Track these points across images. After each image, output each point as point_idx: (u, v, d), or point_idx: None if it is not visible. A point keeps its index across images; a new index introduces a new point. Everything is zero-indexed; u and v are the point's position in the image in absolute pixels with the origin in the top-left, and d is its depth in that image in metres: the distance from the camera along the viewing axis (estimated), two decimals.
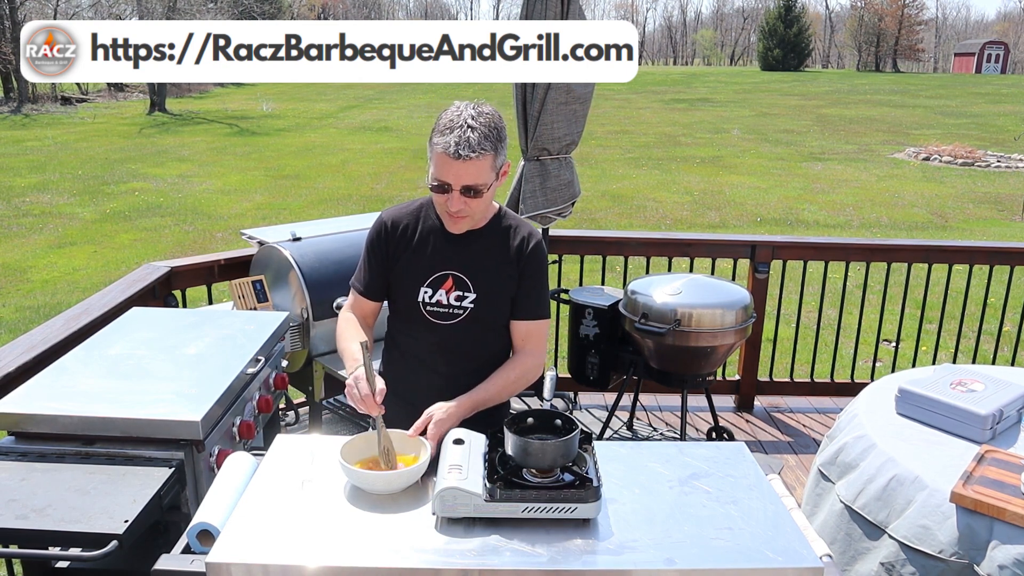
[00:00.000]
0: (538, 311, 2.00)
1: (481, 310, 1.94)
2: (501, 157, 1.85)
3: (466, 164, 1.76)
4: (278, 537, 1.46)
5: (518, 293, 1.97)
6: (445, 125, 1.78)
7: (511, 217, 2.02)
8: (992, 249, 4.33)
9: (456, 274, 1.94)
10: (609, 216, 11.28)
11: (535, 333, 2.00)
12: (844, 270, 4.41)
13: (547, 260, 2.02)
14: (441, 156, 1.77)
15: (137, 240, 9.71)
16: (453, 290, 1.94)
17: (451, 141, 1.75)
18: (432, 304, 1.95)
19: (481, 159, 1.77)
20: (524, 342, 2.01)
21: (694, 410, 4.28)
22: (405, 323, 2.02)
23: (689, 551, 1.44)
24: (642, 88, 35.57)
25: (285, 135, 20.41)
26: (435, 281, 1.95)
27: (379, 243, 1.99)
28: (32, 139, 19.24)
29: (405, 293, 1.97)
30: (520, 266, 1.96)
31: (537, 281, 1.99)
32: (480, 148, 1.76)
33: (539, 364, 2.01)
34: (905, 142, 19.38)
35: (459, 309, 1.95)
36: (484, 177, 1.81)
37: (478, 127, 1.77)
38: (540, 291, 2.00)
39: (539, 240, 2.00)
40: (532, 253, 1.97)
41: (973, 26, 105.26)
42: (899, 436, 2.38)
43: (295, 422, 3.93)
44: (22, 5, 29.30)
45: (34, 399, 1.97)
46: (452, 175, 1.79)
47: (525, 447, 1.55)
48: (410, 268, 1.96)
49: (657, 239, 4.56)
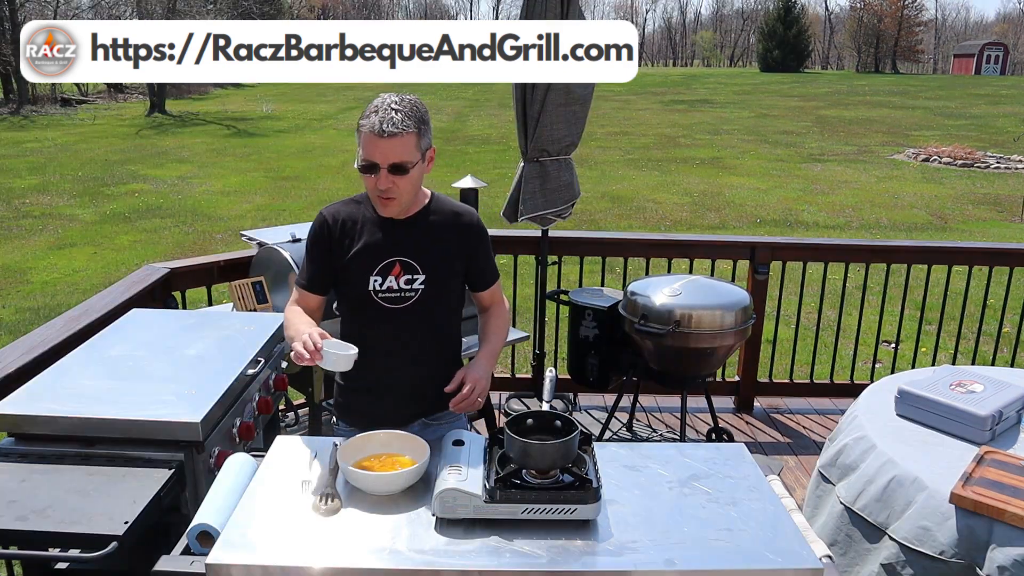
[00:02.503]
0: (492, 277, 2.17)
1: (431, 289, 2.03)
2: (425, 140, 1.95)
3: (391, 141, 1.86)
4: (278, 538, 1.46)
5: (472, 269, 2.12)
6: (371, 110, 1.91)
7: (445, 201, 2.12)
8: (991, 250, 4.33)
9: (403, 259, 2.02)
10: (609, 217, 11.29)
11: (496, 291, 2.20)
12: (844, 271, 4.42)
13: (487, 231, 2.14)
14: (367, 136, 1.88)
15: (137, 241, 9.71)
16: (402, 274, 2.02)
17: (376, 121, 1.86)
18: (383, 291, 2.01)
19: (405, 136, 1.87)
20: (490, 301, 2.20)
21: (694, 411, 4.28)
22: (358, 314, 2.07)
23: (689, 552, 1.44)
24: (642, 89, 35.59)
25: (285, 136, 20.42)
26: (383, 268, 2.01)
27: (321, 238, 2.06)
28: (32, 140, 19.24)
29: (355, 284, 2.03)
30: (465, 244, 2.08)
31: (484, 253, 2.14)
32: (403, 126, 1.86)
33: (507, 305, 2.26)
34: (904, 143, 19.39)
35: (410, 291, 2.02)
36: (409, 155, 1.90)
37: (401, 109, 1.89)
38: (489, 260, 2.16)
39: (477, 216, 2.13)
40: (473, 229, 2.10)
41: (972, 27, 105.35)
42: (899, 437, 2.38)
43: (295, 423, 3.93)
44: (22, 6, 29.31)
45: (34, 400, 1.97)
46: (379, 154, 1.88)
47: (525, 448, 1.55)
48: (357, 259, 2.02)
49: (657, 240, 4.57)
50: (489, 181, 4.34)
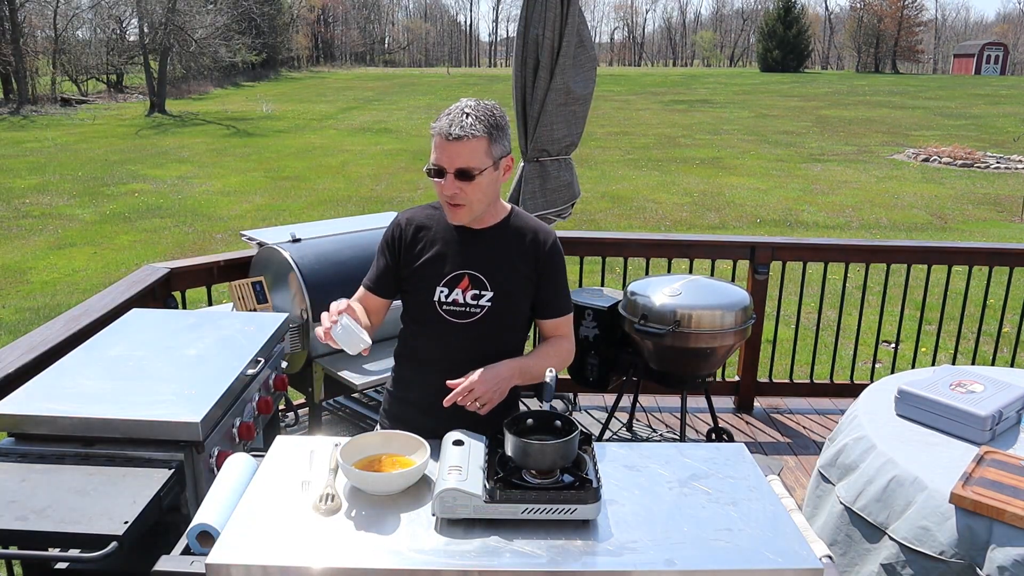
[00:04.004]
0: (564, 308, 2.05)
1: (498, 308, 1.95)
2: (498, 147, 1.87)
3: (458, 145, 1.80)
4: (278, 538, 1.46)
5: (542, 295, 2.00)
6: (444, 113, 1.85)
7: (524, 217, 2.04)
8: (991, 250, 4.33)
9: (472, 273, 1.95)
10: (609, 217, 11.29)
11: (563, 324, 2.06)
12: (843, 271, 4.41)
13: (563, 256, 2.04)
14: (436, 139, 1.83)
15: (137, 241, 9.71)
16: (469, 289, 1.95)
17: (445, 124, 1.82)
18: (448, 303, 1.95)
19: (473, 140, 1.81)
20: (553, 333, 2.06)
21: (693, 411, 4.28)
22: (420, 324, 2.01)
23: (689, 552, 1.44)
24: (641, 89, 35.59)
25: (285, 136, 20.42)
26: (451, 280, 1.95)
27: (393, 242, 2.01)
28: (32, 140, 19.24)
29: (420, 293, 1.97)
30: (538, 266, 1.98)
31: (559, 281, 2.02)
32: (472, 130, 1.80)
33: (573, 346, 2.08)
34: (904, 143, 19.39)
35: (476, 308, 1.95)
36: (477, 160, 1.83)
37: (473, 112, 1.83)
38: (562, 289, 2.04)
39: (555, 238, 2.02)
40: (549, 253, 1.99)
41: (972, 27, 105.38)
42: (899, 437, 2.38)
43: (295, 423, 3.93)
44: (22, 6, 29.32)
45: (34, 400, 1.97)
46: (446, 157, 1.82)
47: (525, 448, 1.55)
48: (425, 268, 1.97)
49: (657, 240, 4.56)
50: None
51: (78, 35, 37.70)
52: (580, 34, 3.72)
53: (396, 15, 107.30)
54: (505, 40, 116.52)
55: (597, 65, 3.96)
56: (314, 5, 71.72)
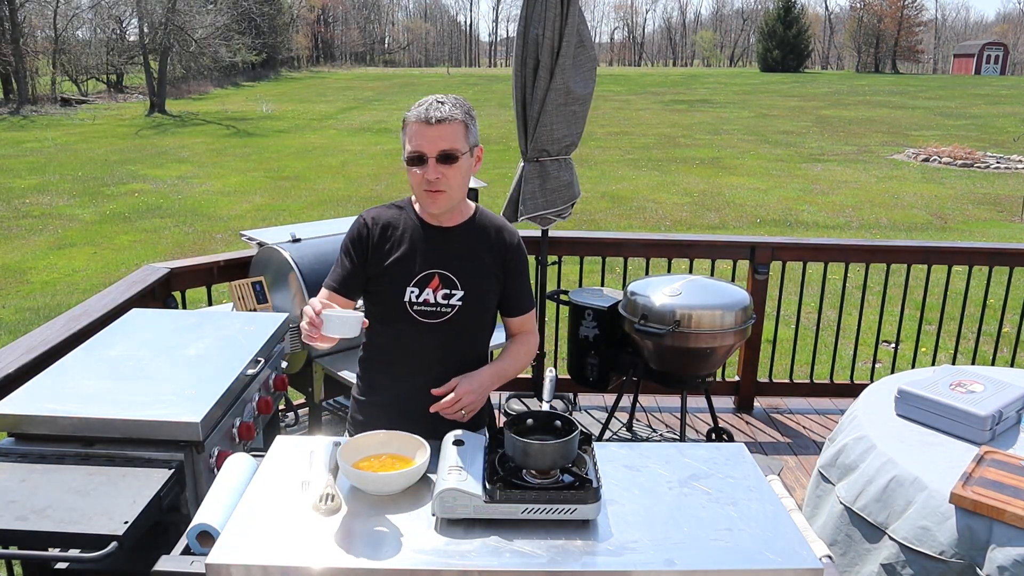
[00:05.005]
0: (528, 305, 2.10)
1: (469, 307, 1.96)
2: (472, 135, 1.90)
3: (440, 128, 1.83)
4: (278, 538, 1.46)
5: (508, 293, 2.04)
6: (416, 104, 1.88)
7: (489, 215, 2.06)
8: (991, 250, 4.33)
9: (443, 272, 1.95)
10: (609, 217, 11.29)
11: (528, 320, 2.11)
12: (843, 271, 4.42)
13: (525, 251, 2.08)
14: (415, 125, 1.85)
15: (137, 241, 9.71)
16: (440, 288, 1.94)
17: (423, 110, 1.84)
18: (419, 303, 1.94)
19: (453, 123, 1.84)
20: (520, 329, 2.11)
21: (694, 411, 4.29)
22: (389, 325, 1.98)
23: (689, 552, 1.44)
24: (641, 89, 35.59)
25: (284, 136, 20.42)
26: (421, 280, 1.94)
27: (360, 241, 1.97)
28: (32, 140, 19.25)
29: (389, 294, 1.95)
30: (505, 264, 2.01)
31: (523, 278, 2.07)
32: (451, 113, 1.84)
33: (537, 339, 2.18)
34: (904, 143, 19.39)
35: (447, 307, 1.95)
36: (458, 143, 1.85)
37: (447, 101, 1.87)
38: (526, 286, 2.09)
39: (517, 234, 2.06)
40: (516, 250, 2.04)
41: (972, 27, 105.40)
42: (898, 437, 2.38)
43: (295, 423, 3.93)
44: (22, 6, 29.31)
45: (34, 400, 1.97)
46: (427, 142, 1.83)
47: (525, 448, 1.55)
48: (394, 268, 1.95)
49: (656, 240, 4.56)
50: (489, 181, 4.33)
51: (78, 35, 37.73)
52: (580, 34, 3.72)
53: (396, 15, 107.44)
54: (505, 40, 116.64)
55: (597, 65, 3.97)
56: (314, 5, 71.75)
